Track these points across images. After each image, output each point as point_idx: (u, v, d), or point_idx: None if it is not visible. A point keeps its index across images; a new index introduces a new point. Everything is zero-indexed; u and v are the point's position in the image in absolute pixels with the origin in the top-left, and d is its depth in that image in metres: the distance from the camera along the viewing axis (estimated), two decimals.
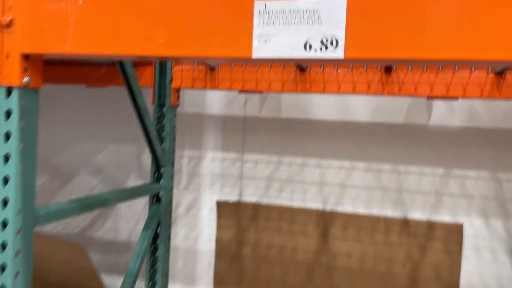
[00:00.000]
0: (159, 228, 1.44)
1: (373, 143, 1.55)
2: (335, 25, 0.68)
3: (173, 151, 1.46)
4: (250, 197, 1.66)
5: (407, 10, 0.65)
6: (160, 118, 1.44)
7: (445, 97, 1.22)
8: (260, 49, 0.71)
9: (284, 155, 1.63)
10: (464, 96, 1.20)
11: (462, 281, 1.47)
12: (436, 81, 1.22)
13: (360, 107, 1.56)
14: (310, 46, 0.69)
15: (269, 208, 1.63)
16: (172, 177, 1.46)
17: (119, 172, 1.79)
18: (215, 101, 1.70)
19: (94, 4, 0.75)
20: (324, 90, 1.30)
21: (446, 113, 1.49)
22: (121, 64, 1.17)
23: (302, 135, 1.61)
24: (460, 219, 1.48)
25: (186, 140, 1.71)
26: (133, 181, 1.77)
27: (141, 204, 1.73)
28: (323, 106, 1.59)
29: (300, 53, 0.69)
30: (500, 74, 1.18)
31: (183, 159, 1.72)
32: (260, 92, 1.37)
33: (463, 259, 1.47)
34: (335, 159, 1.59)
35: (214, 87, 1.38)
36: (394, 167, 1.54)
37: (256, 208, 1.64)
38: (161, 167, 1.44)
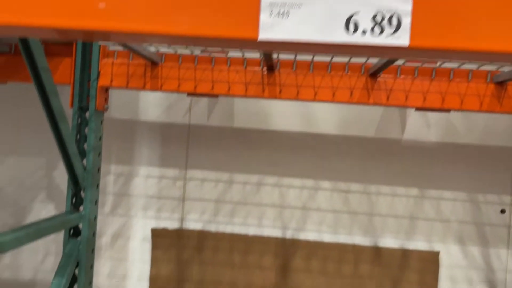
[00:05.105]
0: (77, 270, 1.09)
1: (341, 159, 1.34)
2: None
3: (99, 169, 1.12)
4: (194, 224, 1.36)
5: None
6: (81, 126, 1.10)
7: (440, 109, 1.04)
8: (272, 28, 0.44)
9: (236, 173, 1.36)
10: (461, 108, 1.03)
11: None
12: (430, 90, 1.03)
13: (325, 117, 1.34)
14: (356, 26, 0.43)
15: (217, 237, 1.35)
16: (96, 203, 1.12)
17: (22, 193, 1.39)
18: (152, 104, 1.38)
19: None
20: (297, 97, 1.05)
21: (421, 127, 1.32)
22: (26, 49, 0.83)
23: (258, 149, 1.35)
24: (436, 246, 1.32)
25: (113, 153, 1.37)
26: (40, 205, 1.38)
27: None
28: (283, 114, 1.35)
29: (339, 36, 0.43)
30: (501, 84, 1.02)
31: (109, 176, 1.37)
32: (216, 95, 1.09)
33: None
34: (296, 177, 1.35)
35: (156, 87, 1.07)
36: (365, 188, 1.33)
37: (201, 237, 1.35)
38: (81, 190, 1.10)
